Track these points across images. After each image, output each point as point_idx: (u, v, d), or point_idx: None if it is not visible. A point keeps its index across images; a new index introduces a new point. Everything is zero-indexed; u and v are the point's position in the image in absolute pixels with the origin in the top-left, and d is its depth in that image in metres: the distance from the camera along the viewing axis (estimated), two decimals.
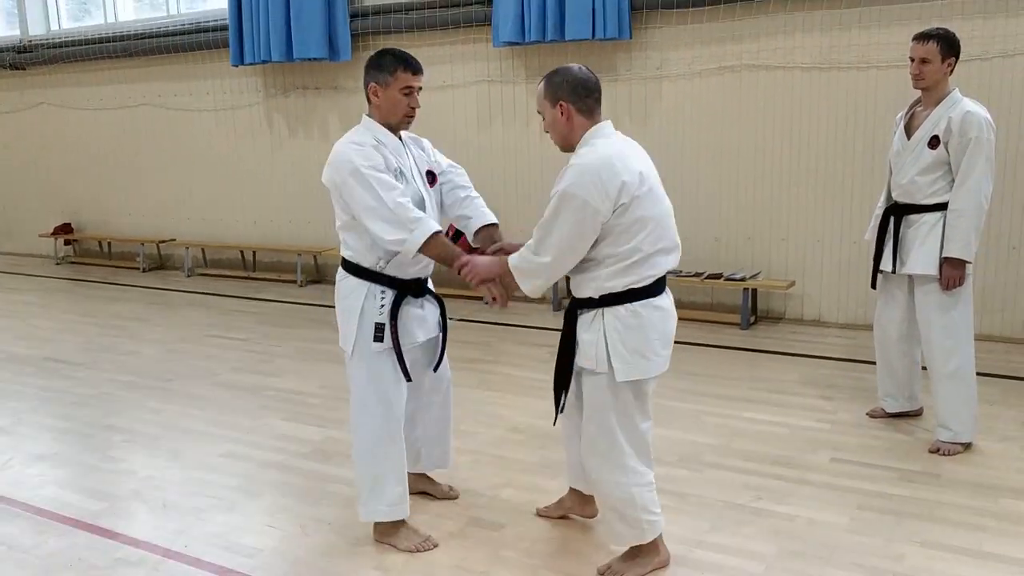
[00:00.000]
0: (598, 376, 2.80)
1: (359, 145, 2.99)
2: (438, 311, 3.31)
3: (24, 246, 11.20)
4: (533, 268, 2.81)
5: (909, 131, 3.97)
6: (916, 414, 4.37)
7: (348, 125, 3.15)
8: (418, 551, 3.17)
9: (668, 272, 2.82)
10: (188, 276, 9.34)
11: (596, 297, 2.77)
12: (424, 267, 3.17)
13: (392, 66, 2.99)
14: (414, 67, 3.03)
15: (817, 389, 4.91)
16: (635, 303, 2.74)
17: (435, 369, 3.37)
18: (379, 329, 3.05)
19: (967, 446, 3.96)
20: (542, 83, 2.82)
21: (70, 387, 5.33)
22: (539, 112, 2.87)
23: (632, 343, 2.74)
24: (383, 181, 2.93)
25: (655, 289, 2.78)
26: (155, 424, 4.63)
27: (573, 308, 2.87)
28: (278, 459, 4.11)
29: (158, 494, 3.75)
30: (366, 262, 3.07)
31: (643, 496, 2.87)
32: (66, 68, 10.04)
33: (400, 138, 3.16)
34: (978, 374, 4.00)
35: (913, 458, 3.89)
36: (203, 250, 9.52)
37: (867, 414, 4.45)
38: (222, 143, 9.19)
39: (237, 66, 8.49)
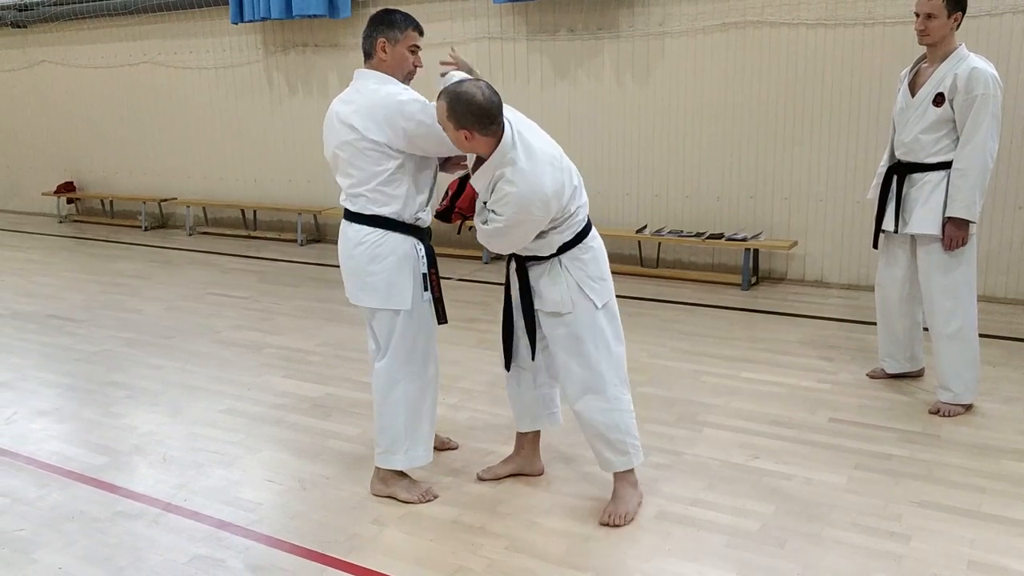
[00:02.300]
0: (570, 315, 2.98)
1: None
2: None
3: (27, 204, 11.20)
4: (493, 245, 3.00)
5: (913, 88, 3.90)
6: (917, 375, 4.36)
7: (349, 83, 3.15)
8: (420, 502, 3.21)
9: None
10: (189, 235, 9.34)
11: (554, 251, 2.97)
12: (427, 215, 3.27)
13: (403, 24, 3.11)
14: (421, 29, 3.18)
15: (817, 350, 4.90)
16: (583, 241, 3.00)
17: None
18: (425, 278, 3.18)
19: (968, 407, 3.95)
20: (443, 103, 2.73)
21: (73, 344, 5.35)
22: (439, 123, 2.81)
23: (595, 272, 3.01)
24: None
25: (590, 225, 3.06)
26: (156, 380, 4.65)
27: (521, 262, 3.03)
28: (278, 415, 4.13)
29: (159, 449, 3.77)
30: (407, 215, 3.12)
31: (625, 421, 3.05)
32: (67, 26, 9.94)
33: None
34: (981, 335, 3.98)
35: (913, 419, 3.89)
36: (204, 209, 9.50)
37: (867, 375, 4.44)
38: (222, 101, 9.13)
39: (237, 24, 8.40)
